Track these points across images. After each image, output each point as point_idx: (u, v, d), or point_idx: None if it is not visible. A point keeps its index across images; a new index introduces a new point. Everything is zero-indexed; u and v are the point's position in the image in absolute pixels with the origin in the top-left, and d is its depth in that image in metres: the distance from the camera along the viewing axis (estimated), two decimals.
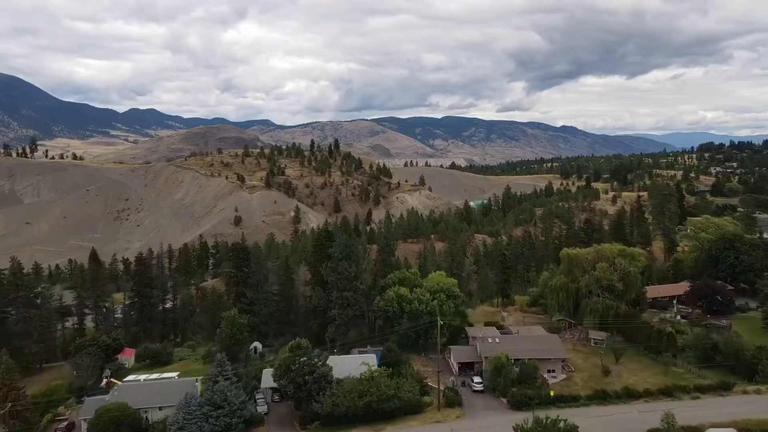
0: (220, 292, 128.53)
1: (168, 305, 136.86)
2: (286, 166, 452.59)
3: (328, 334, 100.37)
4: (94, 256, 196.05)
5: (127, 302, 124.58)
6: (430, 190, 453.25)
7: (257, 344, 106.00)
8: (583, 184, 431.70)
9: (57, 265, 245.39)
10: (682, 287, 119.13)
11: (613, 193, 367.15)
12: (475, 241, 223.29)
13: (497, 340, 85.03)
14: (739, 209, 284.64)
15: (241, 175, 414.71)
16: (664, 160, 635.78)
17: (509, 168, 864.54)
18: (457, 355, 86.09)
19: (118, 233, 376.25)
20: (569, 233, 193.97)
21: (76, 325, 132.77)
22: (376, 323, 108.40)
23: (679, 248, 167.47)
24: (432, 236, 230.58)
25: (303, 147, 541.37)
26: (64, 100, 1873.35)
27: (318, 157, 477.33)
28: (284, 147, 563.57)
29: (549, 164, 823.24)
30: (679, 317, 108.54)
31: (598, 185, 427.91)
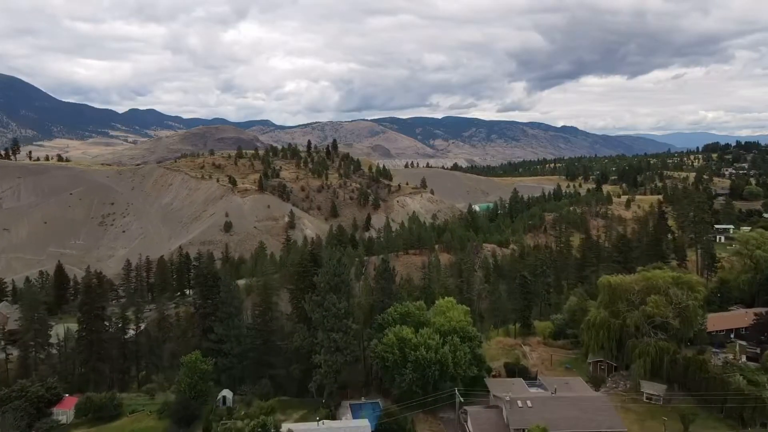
0: (187, 323, 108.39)
1: (130, 334, 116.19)
2: (281, 168, 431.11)
3: (313, 383, 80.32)
4: (59, 271, 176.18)
5: (75, 336, 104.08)
6: (432, 193, 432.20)
7: (226, 393, 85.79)
8: (593, 186, 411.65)
9: (27, 278, 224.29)
10: (741, 317, 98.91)
11: (626, 196, 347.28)
12: (483, 252, 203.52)
13: (529, 403, 64.95)
14: (765, 215, 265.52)
15: (232, 178, 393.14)
16: (670, 161, 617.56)
17: (511, 169, 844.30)
18: (476, 423, 65.85)
19: (101, 240, 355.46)
20: (589, 244, 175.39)
21: (21, 358, 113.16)
22: (373, 367, 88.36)
23: (718, 264, 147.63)
24: (436, 247, 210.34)
25: (300, 147, 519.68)
26: (64, 100, 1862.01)
27: (315, 159, 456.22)
28: (280, 147, 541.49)
29: (552, 165, 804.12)
30: (744, 359, 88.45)
31: (607, 187, 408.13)
